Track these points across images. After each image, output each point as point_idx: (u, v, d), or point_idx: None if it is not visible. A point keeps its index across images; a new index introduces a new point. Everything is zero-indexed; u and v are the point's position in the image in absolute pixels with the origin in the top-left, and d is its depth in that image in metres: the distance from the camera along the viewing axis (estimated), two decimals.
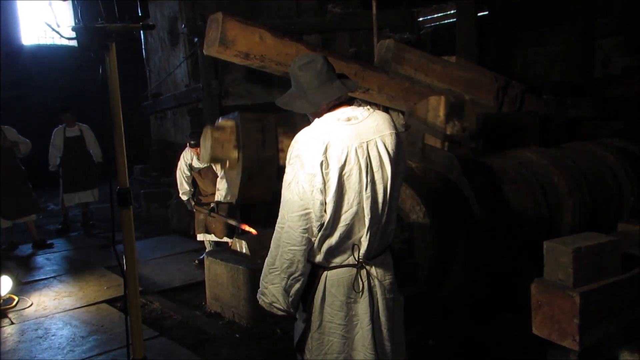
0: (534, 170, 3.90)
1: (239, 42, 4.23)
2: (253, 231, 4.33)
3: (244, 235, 4.43)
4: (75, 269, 5.69)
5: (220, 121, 4.32)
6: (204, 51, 4.52)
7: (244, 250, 4.17)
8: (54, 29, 1.83)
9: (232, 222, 4.83)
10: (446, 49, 6.91)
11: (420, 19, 8.19)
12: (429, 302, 3.30)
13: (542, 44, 7.05)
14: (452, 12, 7.44)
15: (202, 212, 5.18)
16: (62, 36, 1.91)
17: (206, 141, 4.06)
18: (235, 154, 4.07)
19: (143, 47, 10.41)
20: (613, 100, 5.57)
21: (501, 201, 3.57)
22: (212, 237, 5.27)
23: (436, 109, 3.97)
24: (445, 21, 7.87)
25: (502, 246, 3.43)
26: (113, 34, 1.71)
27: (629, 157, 4.52)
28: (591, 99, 5.72)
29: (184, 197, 5.36)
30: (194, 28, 7.44)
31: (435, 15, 7.99)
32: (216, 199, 5.13)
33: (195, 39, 7.44)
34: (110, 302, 4.57)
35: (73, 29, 1.80)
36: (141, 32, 10.19)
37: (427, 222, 3.20)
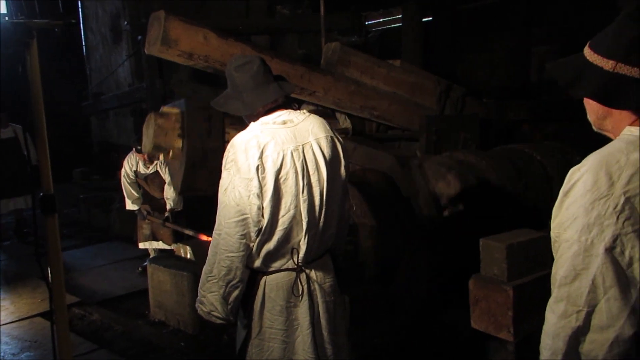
0: (475, 174, 4.03)
1: (182, 42, 4.13)
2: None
3: (188, 240, 4.32)
4: (6, 280, 5.33)
5: (165, 108, 4.15)
6: (145, 50, 4.38)
7: (188, 256, 4.07)
8: None
9: (189, 232, 4.66)
10: (393, 52, 7.05)
11: (368, 22, 8.32)
12: (376, 301, 3.34)
13: (483, 50, 7.32)
14: (398, 16, 7.59)
15: (156, 221, 4.98)
16: None
17: (149, 129, 3.87)
18: (179, 142, 3.91)
19: (83, 44, 9.98)
20: (547, 104, 5.87)
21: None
22: (159, 245, 5.10)
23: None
24: (392, 25, 8.02)
25: (447, 244, 3.52)
26: (33, 31, 1.62)
27: (562, 158, 4.78)
28: (527, 102, 6.01)
29: (135, 207, 5.07)
30: (137, 26, 7.21)
31: (382, 20, 8.13)
32: (168, 207, 4.97)
33: (139, 37, 7.21)
34: (44, 315, 4.30)
35: None
36: (82, 28, 9.78)
37: (371, 222, 3.24)
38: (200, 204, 4.71)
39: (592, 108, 1.22)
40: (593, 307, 1.07)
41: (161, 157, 4.35)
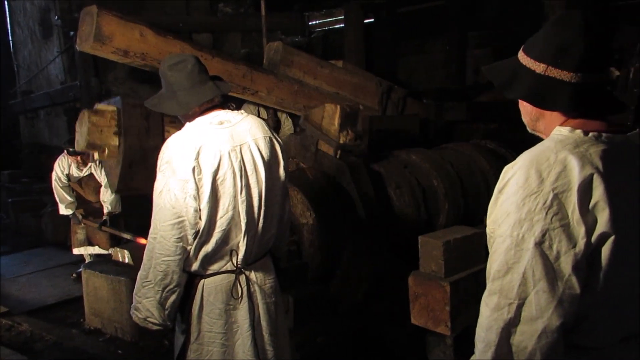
0: (417, 174, 4.14)
1: (116, 39, 3.97)
2: None
3: (126, 244, 4.16)
4: None
5: (99, 105, 3.95)
6: (76, 46, 4.17)
7: (126, 260, 3.91)
8: None
9: (127, 236, 4.45)
10: (337, 53, 7.12)
11: (311, 22, 8.35)
12: (319, 301, 3.36)
13: (423, 52, 7.54)
14: (341, 17, 7.67)
15: (92, 226, 4.74)
16: None
17: (82, 126, 3.67)
18: (115, 140, 3.73)
19: (10, 38, 9.36)
20: (483, 105, 6.13)
21: (386, 204, 3.74)
22: (95, 250, 4.88)
23: (331, 117, 3.96)
24: (335, 26, 8.09)
25: (387, 244, 3.59)
26: None
27: (496, 156, 5.01)
28: (465, 104, 6.25)
29: (69, 211, 4.81)
30: (69, 20, 6.85)
31: (325, 20, 8.18)
32: (105, 211, 4.74)
33: (71, 33, 6.85)
34: None
35: None
36: (8, 22, 9.17)
37: (314, 224, 3.25)
38: (139, 205, 4.55)
39: (526, 110, 1.27)
40: (523, 299, 1.10)
41: (96, 155, 4.15)
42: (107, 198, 4.71)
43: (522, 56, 1.21)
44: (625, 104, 1.23)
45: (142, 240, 4.10)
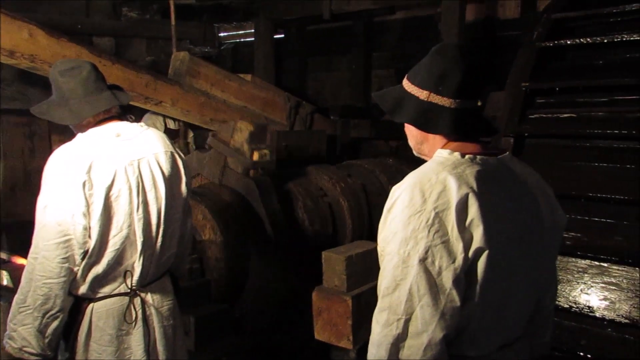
0: (324, 190, 4.22)
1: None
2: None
3: (6, 264, 3.74)
4: None
5: None
6: None
7: (4, 282, 3.52)
8: None
9: (2, 255, 3.99)
10: (247, 66, 7.08)
11: (222, 34, 8.24)
12: (223, 320, 3.26)
13: (331, 70, 7.76)
14: (251, 31, 7.65)
15: None
16: None
17: None
18: None
19: None
20: (385, 123, 6.43)
21: (295, 221, 3.76)
22: None
23: (242, 134, 3.87)
24: (246, 39, 8.06)
25: (294, 261, 3.60)
26: None
27: (398, 173, 5.26)
28: (370, 121, 6.51)
29: None
30: None
31: (236, 33, 8.13)
32: None
33: None
34: None
35: None
36: None
37: (219, 240, 3.17)
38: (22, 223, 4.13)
39: (412, 134, 1.36)
40: (410, 314, 1.15)
41: None
42: None
43: (406, 84, 1.31)
44: (498, 129, 1.37)
45: (20, 260, 3.71)
